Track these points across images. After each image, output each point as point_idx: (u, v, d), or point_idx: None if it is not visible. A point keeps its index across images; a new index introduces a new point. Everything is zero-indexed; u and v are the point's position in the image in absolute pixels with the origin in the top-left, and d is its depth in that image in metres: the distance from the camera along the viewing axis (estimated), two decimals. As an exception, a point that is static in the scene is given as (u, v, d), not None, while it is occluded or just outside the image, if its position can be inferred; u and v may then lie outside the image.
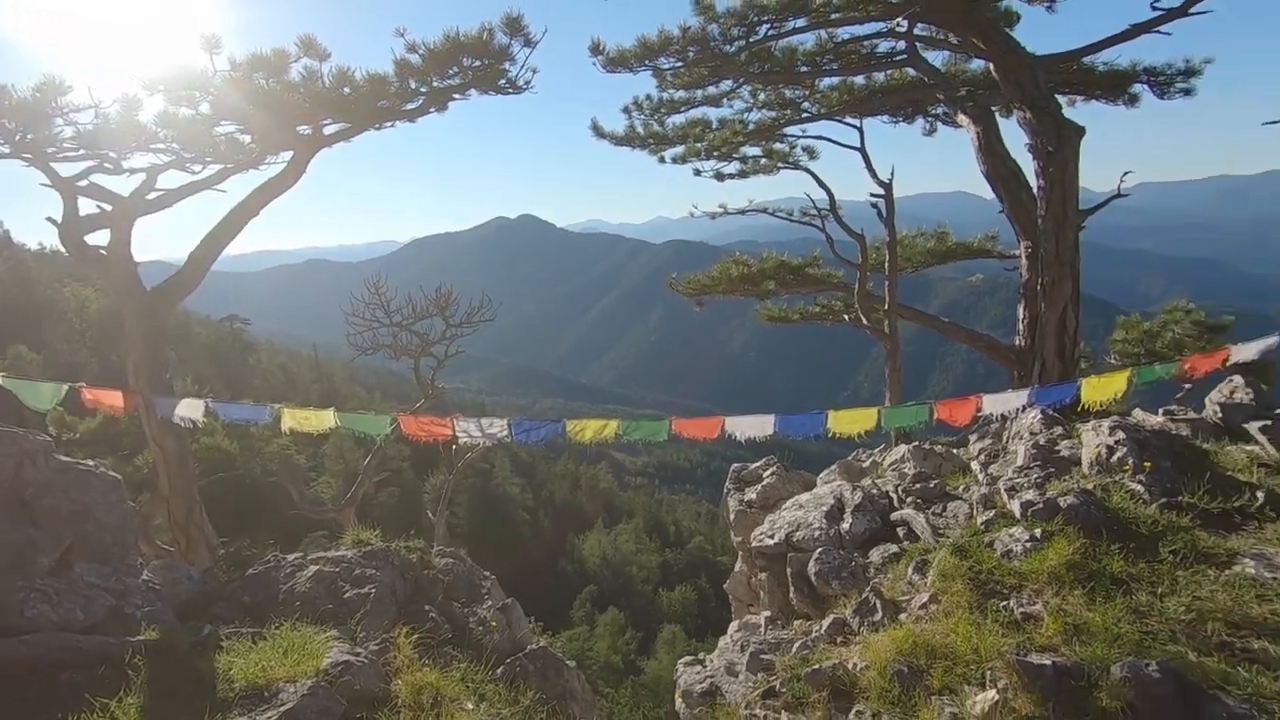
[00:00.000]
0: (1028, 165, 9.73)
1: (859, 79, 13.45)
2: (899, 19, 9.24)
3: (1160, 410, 7.77)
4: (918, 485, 6.39)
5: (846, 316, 12.88)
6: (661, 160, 13.05)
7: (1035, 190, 8.65)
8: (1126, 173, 10.24)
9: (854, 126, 12.09)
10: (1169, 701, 3.36)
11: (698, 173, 13.09)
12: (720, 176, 13.32)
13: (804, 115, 14.00)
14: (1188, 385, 8.41)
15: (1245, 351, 6.32)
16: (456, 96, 7.14)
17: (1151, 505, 5.11)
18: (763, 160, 13.47)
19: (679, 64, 11.36)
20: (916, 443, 8.47)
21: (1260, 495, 5.16)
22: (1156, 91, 12.15)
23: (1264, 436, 6.26)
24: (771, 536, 6.02)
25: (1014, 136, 10.25)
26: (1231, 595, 4.12)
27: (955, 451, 8.14)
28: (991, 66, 8.88)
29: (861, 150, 11.62)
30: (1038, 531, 4.92)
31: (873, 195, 11.23)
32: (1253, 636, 3.84)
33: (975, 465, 6.56)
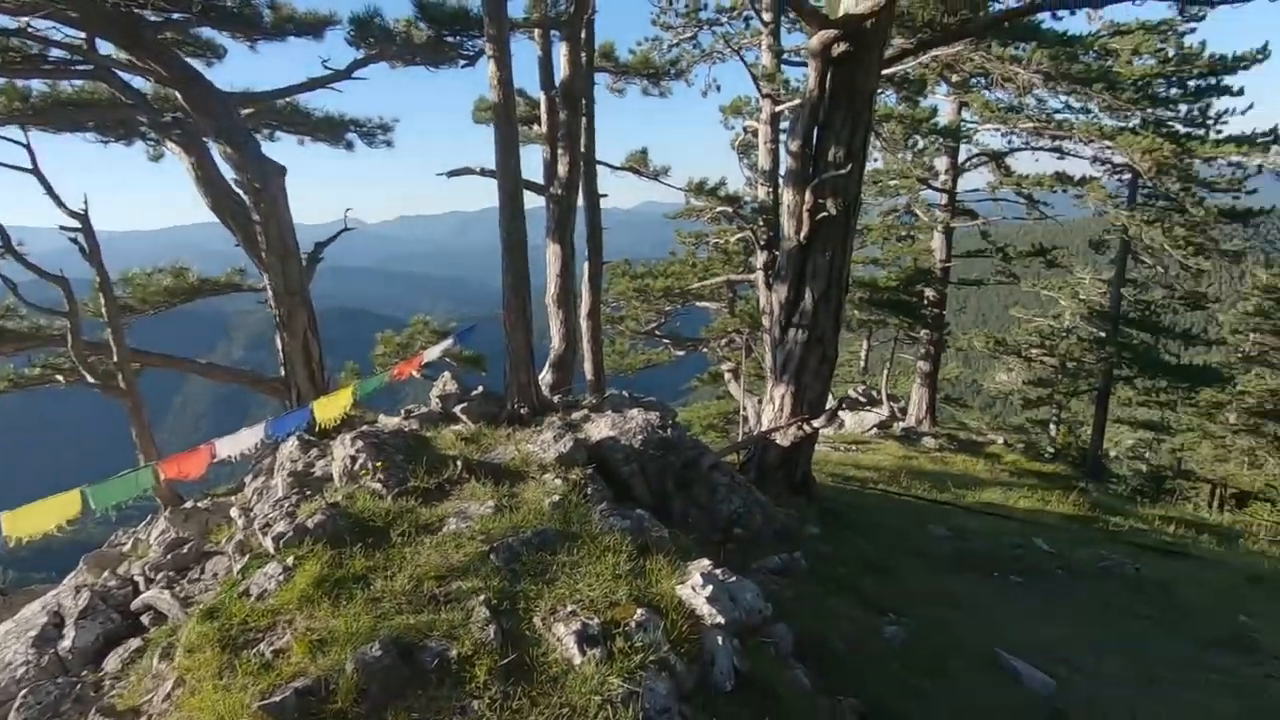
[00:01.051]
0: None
1: (37, 84, 10.88)
2: (29, 20, 7.69)
3: (401, 410, 9.17)
4: (169, 555, 5.65)
5: (60, 377, 10.29)
6: None
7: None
8: (348, 210, 11.64)
9: (21, 144, 9.50)
10: (392, 669, 3.84)
11: None
12: None
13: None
14: (434, 381, 10.20)
15: (433, 352, 7.95)
16: None
17: (388, 498, 5.87)
18: None
19: None
20: (182, 504, 7.58)
21: (460, 463, 6.58)
22: (365, 140, 14.17)
23: (464, 415, 8.10)
24: (-59, 709, 4.24)
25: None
26: (440, 553, 5.04)
27: (229, 500, 7.63)
28: (180, 96, 8.46)
29: (36, 172, 9.23)
30: (290, 560, 4.96)
31: (64, 228, 9.07)
32: (453, 579, 4.80)
33: (235, 511, 6.23)
